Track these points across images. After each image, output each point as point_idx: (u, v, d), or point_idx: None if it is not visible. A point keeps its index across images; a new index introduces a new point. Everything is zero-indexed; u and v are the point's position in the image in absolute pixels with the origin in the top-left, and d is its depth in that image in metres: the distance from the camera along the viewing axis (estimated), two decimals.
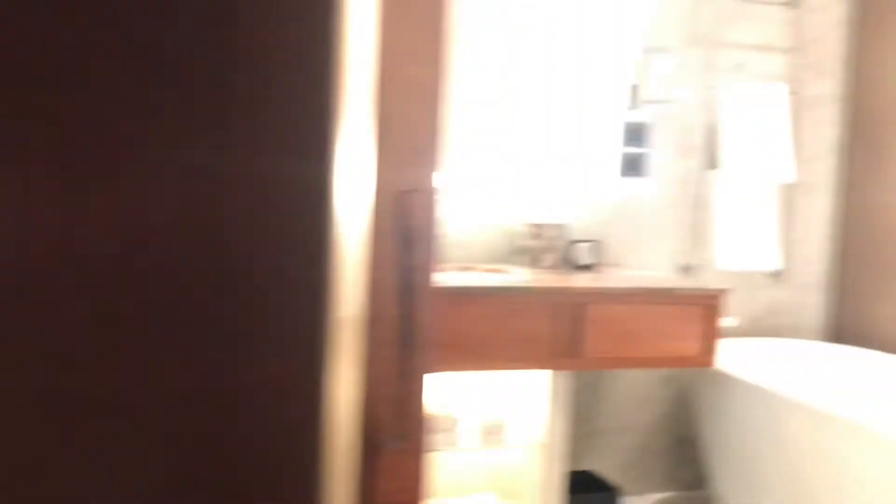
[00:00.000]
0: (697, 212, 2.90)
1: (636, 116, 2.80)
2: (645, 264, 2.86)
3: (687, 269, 2.90)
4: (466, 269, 2.53)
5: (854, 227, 3.04)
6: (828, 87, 3.05)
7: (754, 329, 3.03)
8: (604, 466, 2.86)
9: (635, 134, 2.81)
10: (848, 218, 3.07)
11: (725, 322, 2.39)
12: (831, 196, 3.09)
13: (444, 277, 2.40)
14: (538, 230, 2.58)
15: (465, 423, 2.32)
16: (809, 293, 3.10)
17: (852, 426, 2.12)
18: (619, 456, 2.89)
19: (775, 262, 2.91)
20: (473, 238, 2.66)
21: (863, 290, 2.99)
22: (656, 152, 2.85)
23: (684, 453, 2.94)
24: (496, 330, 2.16)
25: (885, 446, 2.02)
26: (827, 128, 3.06)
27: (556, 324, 2.20)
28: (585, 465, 2.83)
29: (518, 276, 2.43)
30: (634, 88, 2.76)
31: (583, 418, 2.82)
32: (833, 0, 3.03)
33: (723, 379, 2.57)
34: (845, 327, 3.05)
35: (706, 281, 2.87)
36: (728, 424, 2.60)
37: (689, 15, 2.84)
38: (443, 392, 2.40)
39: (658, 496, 2.94)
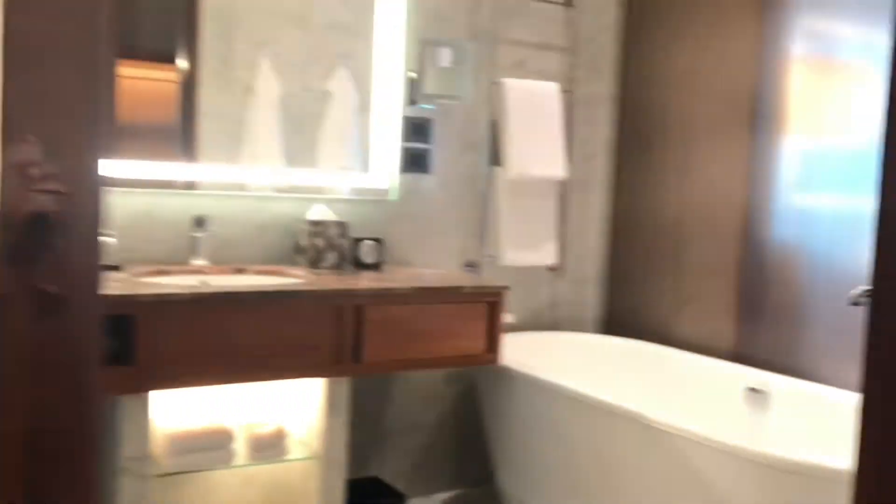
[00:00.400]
0: (481, 208, 2.89)
1: (418, 111, 2.74)
2: (430, 262, 2.82)
3: (471, 266, 2.89)
4: (239, 271, 2.35)
5: (624, 224, 3.17)
6: (601, 87, 3.15)
7: (536, 323, 3.08)
8: (391, 470, 2.79)
9: (419, 129, 2.75)
10: (619, 214, 3.19)
11: (504, 318, 2.38)
12: (605, 193, 3.20)
13: (213, 281, 2.21)
14: (319, 228, 2.46)
15: (239, 438, 2.16)
16: (586, 287, 3.20)
17: (624, 416, 2.17)
18: (406, 458, 2.83)
19: (554, 258, 2.97)
20: (248, 237, 2.49)
21: (632, 284, 3.13)
22: (440, 148, 2.81)
23: (471, 450, 2.94)
24: (269, 337, 2.01)
25: (654, 435, 2.09)
26: (601, 127, 3.17)
27: (334, 328, 2.09)
28: (373, 471, 2.75)
29: (295, 277, 2.30)
30: (414, 82, 2.69)
31: (367, 422, 2.73)
32: (605, 2, 3.13)
33: (504, 374, 2.58)
34: (618, 319, 3.18)
35: (490, 277, 2.87)
36: (511, 418, 2.62)
37: (470, 10, 2.82)
38: (213, 405, 2.22)
39: (445, 495, 2.92)
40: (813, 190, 2.53)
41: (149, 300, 1.87)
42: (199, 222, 2.36)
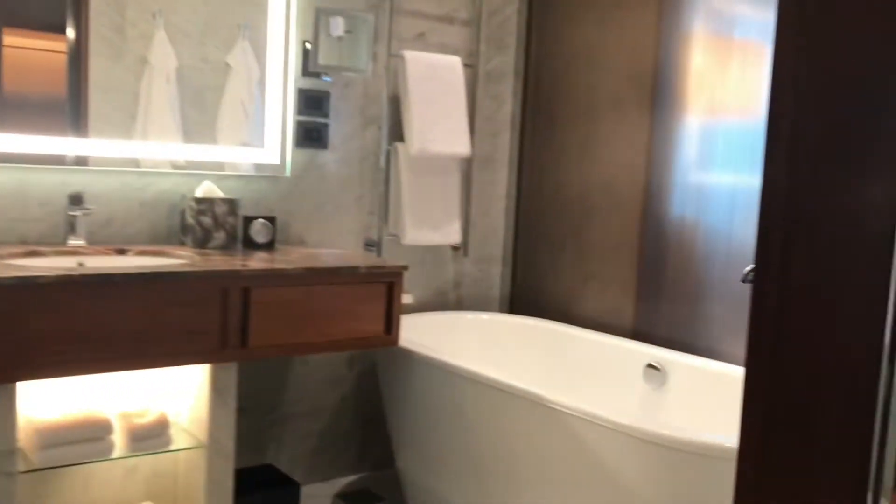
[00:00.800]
0: (383, 185, 2.81)
1: (314, 84, 2.64)
2: (329, 241, 2.72)
3: (372, 245, 2.81)
4: (120, 252, 2.22)
5: (529, 201, 3.13)
6: (505, 62, 3.09)
7: (440, 302, 3.03)
8: (289, 457, 2.70)
9: (315, 102, 2.65)
10: (524, 191, 3.16)
11: (403, 299, 2.31)
12: (510, 170, 3.15)
13: (90, 263, 2.08)
14: (206, 206, 2.34)
15: (118, 428, 2.04)
16: (491, 265, 3.15)
17: (521, 397, 2.14)
18: (305, 443, 2.75)
19: (458, 237, 2.91)
20: (133, 216, 2.35)
21: (537, 262, 3.10)
22: (338, 123, 2.71)
23: (372, 433, 2.87)
24: (148, 322, 1.90)
25: (552, 416, 2.06)
26: (506, 102, 3.11)
27: (218, 311, 1.99)
28: (269, 459, 2.66)
29: (178, 258, 2.18)
30: (309, 53, 2.58)
31: (263, 407, 2.63)
32: None
33: (405, 355, 2.51)
34: (523, 297, 3.15)
35: (392, 256, 2.80)
36: (410, 400, 2.56)
37: None
38: (89, 394, 2.09)
39: (346, 480, 2.85)
40: (711, 167, 2.54)
41: (9, 283, 1.73)
42: (76, 200, 2.21)
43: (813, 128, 1.18)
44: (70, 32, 2.26)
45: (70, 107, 2.30)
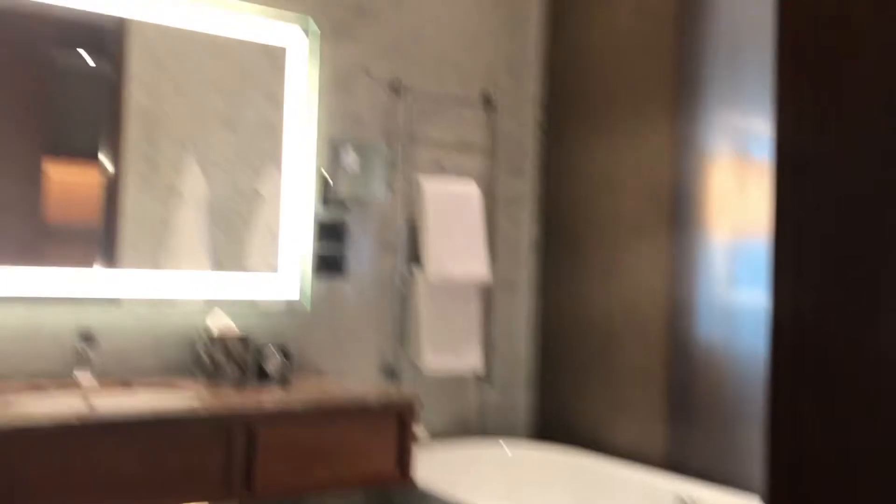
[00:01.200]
0: (401, 312, 2.76)
1: (332, 213, 2.63)
2: (347, 368, 2.65)
3: (391, 373, 2.73)
4: (126, 385, 2.17)
5: (552, 325, 3.05)
6: (523, 186, 3.08)
7: (464, 429, 2.91)
8: None
9: (333, 231, 2.64)
10: (546, 316, 3.07)
11: (417, 432, 2.22)
12: (532, 294, 3.09)
13: (94, 399, 2.03)
14: (219, 339, 2.29)
15: None
16: (515, 392, 3.04)
17: None
18: None
19: (480, 362, 2.82)
20: (144, 348, 2.31)
21: (562, 387, 2.98)
22: (356, 249, 2.69)
23: None
24: (147, 464, 1.83)
25: None
26: (525, 226, 3.08)
27: (222, 452, 1.92)
28: None
29: (186, 394, 2.12)
30: (328, 183, 2.59)
31: None
32: (525, 105, 3.08)
33: (422, 496, 2.38)
34: (549, 424, 3.02)
35: (412, 382, 2.71)
36: None
37: (386, 110, 2.75)
38: None
39: None
40: (737, 288, 2.44)
41: (2, 430, 1.68)
42: (86, 336, 2.18)
43: (818, 256, 1.11)
44: (106, 164, 2.30)
45: (104, 238, 2.32)
